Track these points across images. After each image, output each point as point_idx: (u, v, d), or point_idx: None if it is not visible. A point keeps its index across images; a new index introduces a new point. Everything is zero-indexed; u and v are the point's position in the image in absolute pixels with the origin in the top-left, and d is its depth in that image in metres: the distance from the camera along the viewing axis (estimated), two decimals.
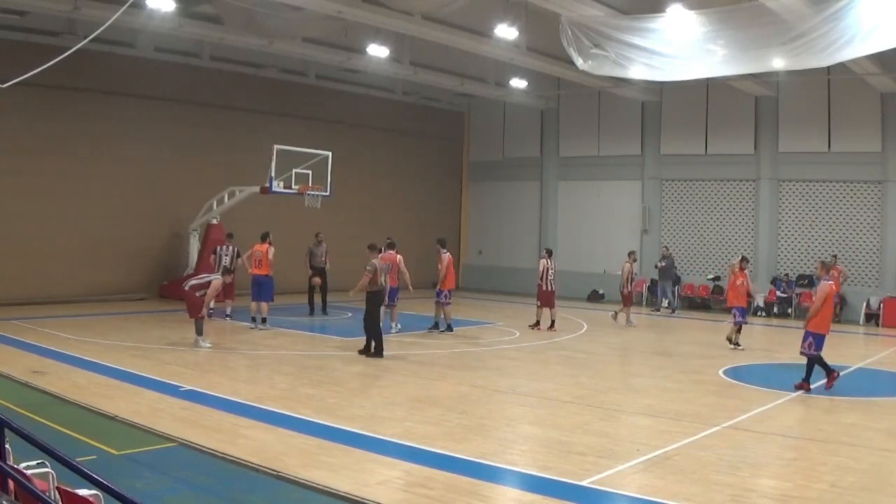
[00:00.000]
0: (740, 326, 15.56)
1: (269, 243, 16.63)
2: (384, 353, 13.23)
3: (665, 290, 23.73)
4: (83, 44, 12.83)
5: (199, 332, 13.75)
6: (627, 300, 19.64)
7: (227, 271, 14.81)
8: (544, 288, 17.79)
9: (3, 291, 18.50)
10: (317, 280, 18.65)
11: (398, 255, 16.31)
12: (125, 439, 7.83)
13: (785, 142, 23.24)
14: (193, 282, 13.89)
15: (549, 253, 18.51)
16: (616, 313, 19.78)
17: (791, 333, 19.27)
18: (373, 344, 13.35)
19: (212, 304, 16.95)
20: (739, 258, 16.42)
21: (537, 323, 17.89)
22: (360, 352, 13.39)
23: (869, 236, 21.98)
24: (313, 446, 7.77)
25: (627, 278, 19.55)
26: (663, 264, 23.58)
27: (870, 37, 13.07)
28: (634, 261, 19.99)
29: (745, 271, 15.95)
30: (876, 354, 15.97)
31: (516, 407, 10.19)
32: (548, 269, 17.80)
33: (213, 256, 17.98)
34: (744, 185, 24.12)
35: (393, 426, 8.63)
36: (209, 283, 13.76)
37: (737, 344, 15.42)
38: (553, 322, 17.79)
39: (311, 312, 19.26)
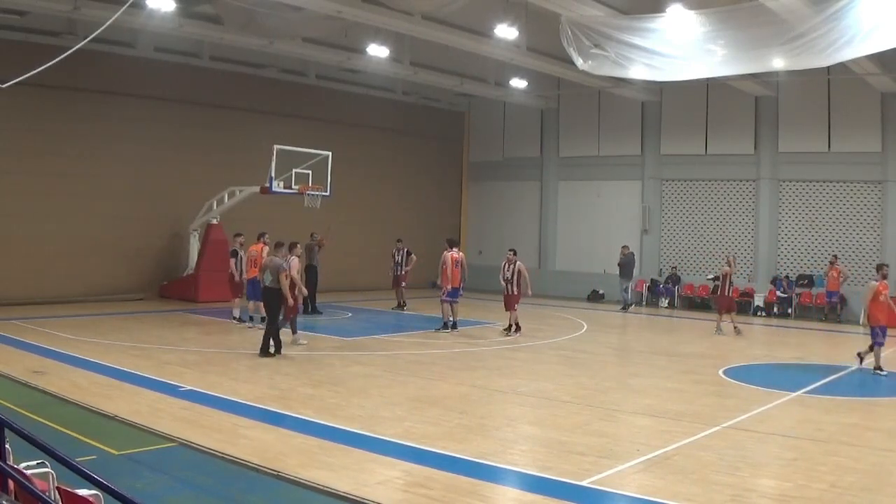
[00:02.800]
0: (881, 347, 12.89)
1: (265, 243, 16.45)
2: (265, 352, 12.92)
3: (626, 288, 23.69)
4: (83, 44, 12.82)
5: (294, 330, 14.16)
6: (726, 306, 18.10)
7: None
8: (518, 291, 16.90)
9: (3, 291, 18.51)
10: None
11: (449, 253, 16.94)
12: (125, 439, 7.83)
13: (785, 142, 23.24)
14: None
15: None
16: (718, 324, 18.02)
17: (791, 334, 19.32)
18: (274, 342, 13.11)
19: (236, 313, 17.00)
20: (880, 267, 13.80)
21: (518, 327, 17.00)
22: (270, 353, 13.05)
23: (869, 236, 21.99)
24: (313, 446, 7.77)
25: (724, 283, 17.92)
26: (621, 261, 23.62)
27: (870, 37, 13.07)
28: (730, 265, 18.30)
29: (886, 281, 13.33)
30: None
31: (516, 407, 10.18)
32: None
33: (233, 260, 17.21)
34: (744, 185, 24.13)
35: (393, 426, 8.63)
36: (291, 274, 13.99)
37: (879, 368, 12.69)
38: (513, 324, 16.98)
39: (306, 311, 19.29)
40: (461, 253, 17.79)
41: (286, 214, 22.13)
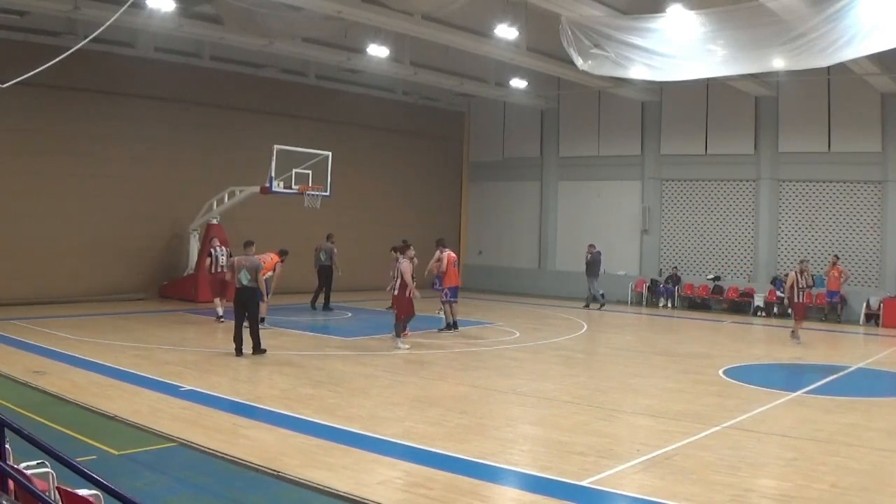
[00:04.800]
0: None
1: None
2: (241, 353, 12.93)
3: (591, 286, 23.83)
4: (83, 44, 12.83)
5: (399, 333, 14.25)
6: (795, 313, 17.06)
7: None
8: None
9: (3, 291, 18.50)
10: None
11: (446, 253, 17.11)
12: (125, 439, 7.83)
13: (785, 142, 23.24)
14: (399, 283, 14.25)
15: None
16: (795, 331, 16.89)
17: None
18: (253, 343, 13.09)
19: (221, 312, 17.01)
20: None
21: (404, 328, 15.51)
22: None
23: (869, 236, 21.98)
24: (313, 446, 7.77)
25: (791, 289, 16.82)
26: (588, 260, 23.87)
27: (870, 37, 13.06)
28: (802, 271, 16.80)
29: None
30: (876, 354, 15.97)
31: (516, 407, 10.18)
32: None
33: (209, 259, 17.99)
34: (744, 185, 24.12)
35: (393, 426, 8.63)
36: (405, 275, 14.19)
37: None
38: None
39: (313, 308, 19.88)
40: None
41: (286, 214, 22.16)
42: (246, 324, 13.07)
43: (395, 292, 14.27)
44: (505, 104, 28.56)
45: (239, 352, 12.89)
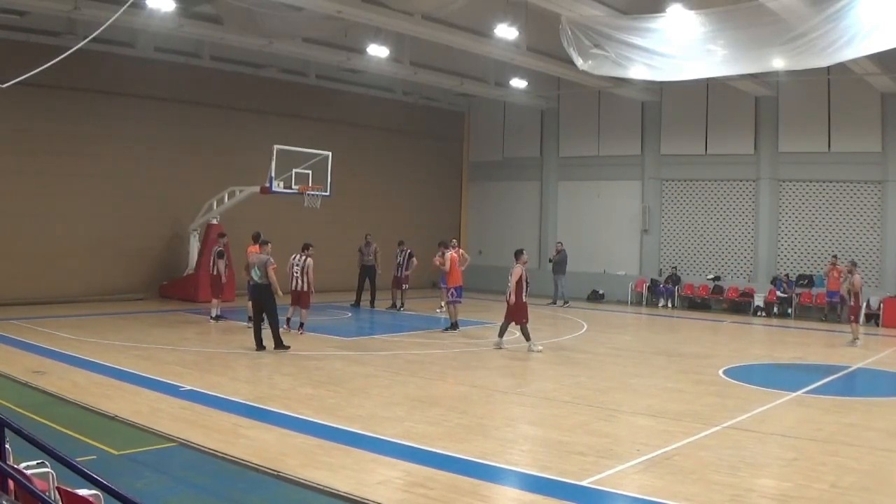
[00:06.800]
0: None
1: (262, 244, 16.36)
2: (265, 347, 13.47)
3: (557, 284, 24.17)
4: (83, 44, 12.84)
5: (528, 336, 14.48)
6: (851, 314, 16.69)
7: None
8: (296, 288, 15.49)
9: (3, 291, 18.50)
10: None
11: (451, 252, 17.60)
12: (125, 439, 7.83)
13: (785, 142, 23.24)
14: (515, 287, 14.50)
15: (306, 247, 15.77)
16: (857, 335, 16.61)
17: (791, 334, 19.33)
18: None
19: (219, 311, 17.27)
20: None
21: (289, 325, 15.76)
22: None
23: (869, 236, 21.98)
24: (313, 446, 7.77)
25: (850, 290, 16.51)
26: (556, 258, 24.35)
27: (870, 37, 13.06)
28: (851, 272, 16.53)
29: None
30: (876, 354, 15.96)
31: (516, 407, 10.18)
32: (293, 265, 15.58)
33: (221, 261, 17.58)
34: (744, 185, 24.12)
35: (393, 426, 8.63)
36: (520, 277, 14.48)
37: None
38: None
39: (357, 304, 21.00)
40: (460, 250, 18.22)
41: (286, 214, 22.15)
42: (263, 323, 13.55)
43: (513, 299, 14.44)
44: (505, 104, 28.56)
45: (260, 346, 13.41)
